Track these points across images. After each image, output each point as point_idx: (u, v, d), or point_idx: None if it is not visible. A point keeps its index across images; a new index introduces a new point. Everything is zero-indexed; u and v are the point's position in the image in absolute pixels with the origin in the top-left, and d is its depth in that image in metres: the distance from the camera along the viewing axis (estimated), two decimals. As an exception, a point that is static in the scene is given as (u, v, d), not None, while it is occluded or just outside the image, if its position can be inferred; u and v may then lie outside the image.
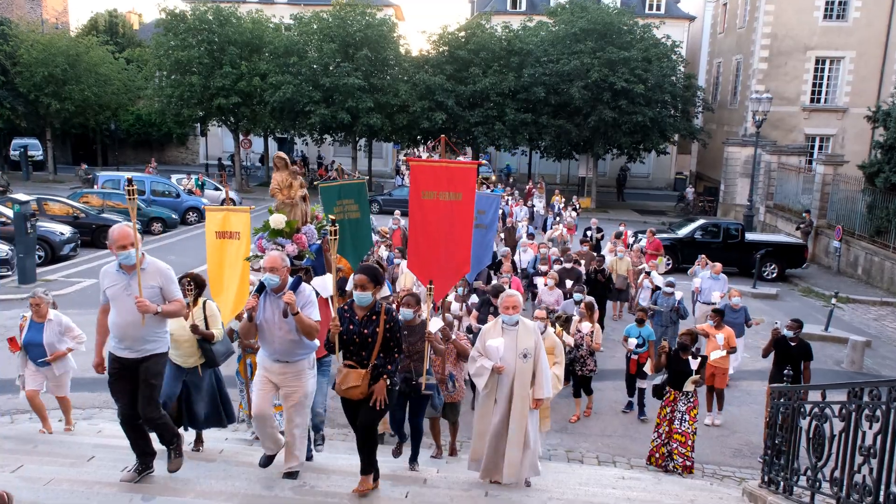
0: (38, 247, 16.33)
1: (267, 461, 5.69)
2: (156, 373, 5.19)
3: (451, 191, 7.03)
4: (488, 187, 30.86)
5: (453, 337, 7.38)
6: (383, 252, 13.95)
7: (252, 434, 6.99)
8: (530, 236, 17.28)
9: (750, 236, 21.88)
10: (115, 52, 38.49)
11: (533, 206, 25.06)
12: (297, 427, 5.44)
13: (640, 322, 9.95)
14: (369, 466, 5.39)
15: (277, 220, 6.86)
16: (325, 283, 5.89)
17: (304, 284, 5.43)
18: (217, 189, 30.11)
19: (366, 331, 5.20)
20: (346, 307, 5.36)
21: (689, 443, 7.97)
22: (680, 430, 7.96)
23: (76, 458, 5.53)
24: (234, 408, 6.96)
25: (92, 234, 20.61)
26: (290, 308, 5.06)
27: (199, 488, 5.10)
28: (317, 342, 5.46)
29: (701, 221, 23.07)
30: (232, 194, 29.92)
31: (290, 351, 5.34)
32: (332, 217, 10.24)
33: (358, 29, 33.20)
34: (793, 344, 9.06)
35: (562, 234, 18.29)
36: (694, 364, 8.09)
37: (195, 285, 6.34)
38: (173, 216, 24.63)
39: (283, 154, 7.25)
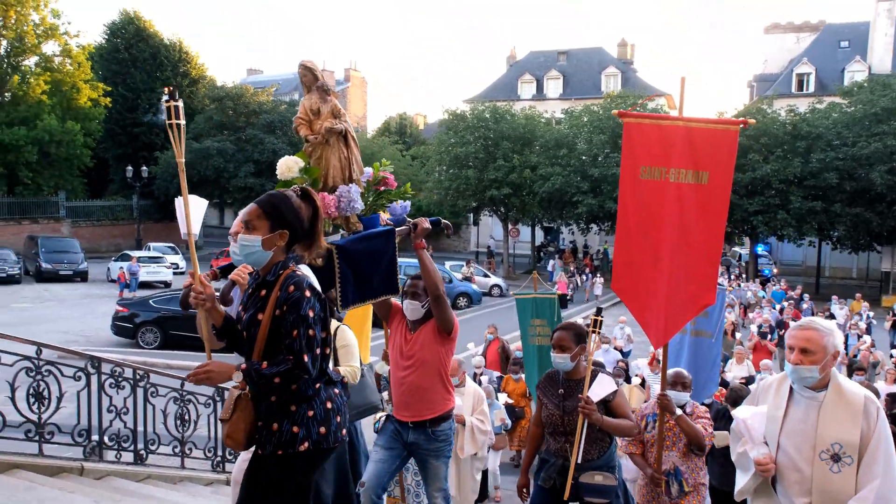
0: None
1: None
2: None
3: (692, 168, 4.29)
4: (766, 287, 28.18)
5: (679, 412, 4.62)
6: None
7: None
8: None
9: None
10: (403, 150, 42.78)
11: (832, 315, 19.29)
12: None
13: None
14: None
15: (286, 166, 3.89)
16: (197, 208, 3.28)
17: (301, 270, 3.00)
18: (486, 276, 31.40)
19: (245, 313, 2.90)
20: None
21: None
22: None
23: None
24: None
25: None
26: (239, 287, 3.12)
27: None
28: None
29: None
30: (499, 280, 31.00)
31: None
32: (531, 340, 8.25)
33: (628, 119, 33.18)
34: None
35: (867, 352, 12.62)
36: None
37: None
38: (445, 300, 25.92)
39: (309, 62, 4.26)
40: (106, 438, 6.07)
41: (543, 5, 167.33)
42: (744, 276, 32.73)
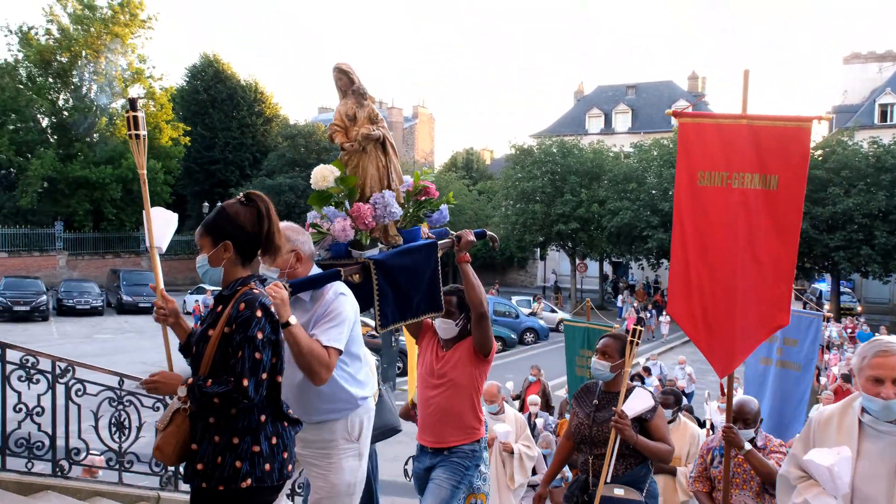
0: (398, 359, 18.09)
1: None
2: None
3: (759, 171, 3.77)
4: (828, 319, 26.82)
5: (748, 446, 4.04)
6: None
7: None
8: None
9: None
10: (469, 185, 42.98)
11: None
12: None
13: None
14: None
15: (321, 175, 3.71)
16: (166, 223, 3.22)
17: (336, 287, 3.16)
18: (553, 311, 31.02)
19: (198, 328, 2.81)
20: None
21: None
22: None
23: None
24: None
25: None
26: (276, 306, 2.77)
27: None
28: (354, 392, 3.20)
29: None
30: (567, 316, 30.54)
31: (304, 401, 3.14)
32: (578, 370, 7.84)
33: (700, 153, 32.58)
34: None
35: None
36: None
37: None
38: (512, 336, 25.71)
39: (345, 65, 3.87)
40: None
41: (611, 41, 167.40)
42: (831, 314, 31.22)
